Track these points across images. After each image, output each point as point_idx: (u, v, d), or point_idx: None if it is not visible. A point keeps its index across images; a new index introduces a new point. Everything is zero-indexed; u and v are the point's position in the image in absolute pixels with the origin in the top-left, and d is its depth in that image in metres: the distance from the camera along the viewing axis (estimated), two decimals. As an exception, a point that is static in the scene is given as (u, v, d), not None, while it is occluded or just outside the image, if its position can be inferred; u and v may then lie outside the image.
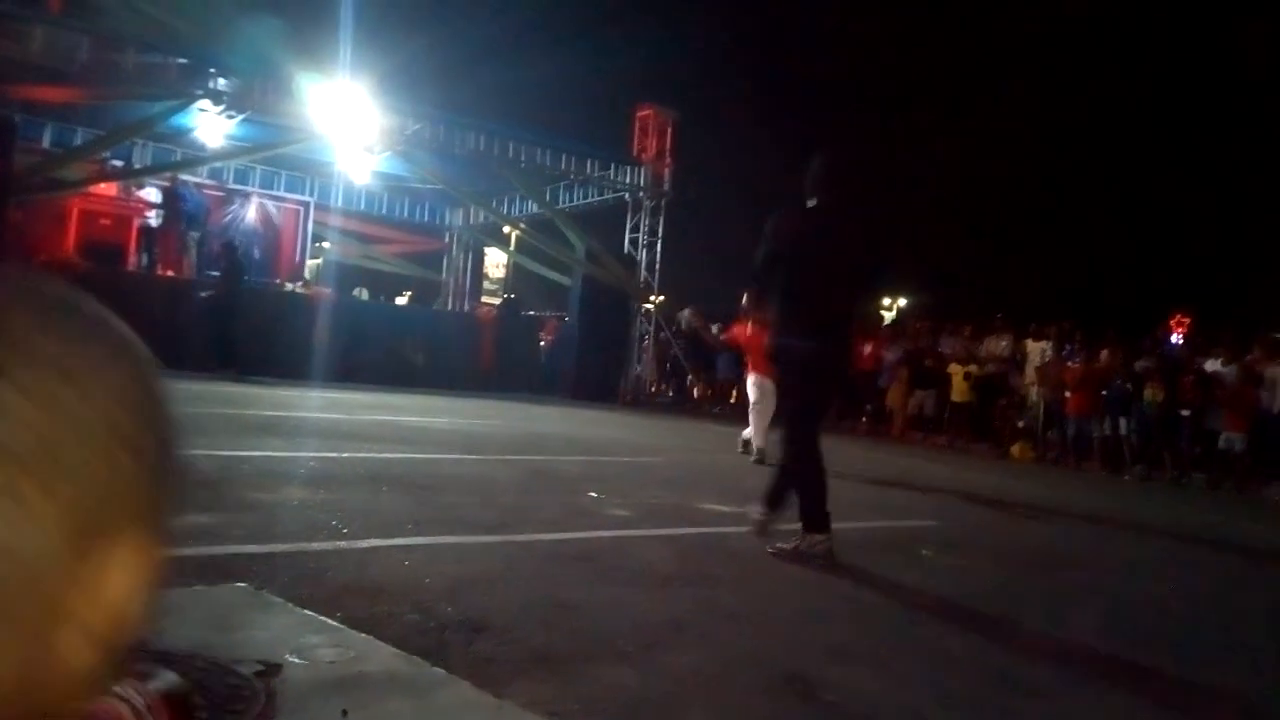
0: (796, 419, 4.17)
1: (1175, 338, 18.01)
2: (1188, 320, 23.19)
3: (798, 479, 4.05)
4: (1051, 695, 2.61)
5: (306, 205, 17.92)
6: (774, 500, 4.16)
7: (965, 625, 3.32)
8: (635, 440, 9.64)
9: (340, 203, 18.65)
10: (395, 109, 13.51)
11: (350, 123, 12.85)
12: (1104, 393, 12.14)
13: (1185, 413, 11.35)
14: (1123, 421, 11.95)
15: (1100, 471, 11.94)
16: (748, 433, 8.10)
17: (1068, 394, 12.52)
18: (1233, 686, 2.89)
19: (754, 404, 7.99)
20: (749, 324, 8.10)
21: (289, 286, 15.01)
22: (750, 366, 8.23)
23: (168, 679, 0.59)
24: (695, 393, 17.28)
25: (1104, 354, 12.55)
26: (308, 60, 12.31)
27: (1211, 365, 11.80)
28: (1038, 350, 13.61)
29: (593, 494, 5.32)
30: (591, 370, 15.25)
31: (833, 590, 3.63)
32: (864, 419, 14.95)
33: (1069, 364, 12.74)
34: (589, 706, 2.14)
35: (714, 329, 9.74)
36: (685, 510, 4.92)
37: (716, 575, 3.65)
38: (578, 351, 15.62)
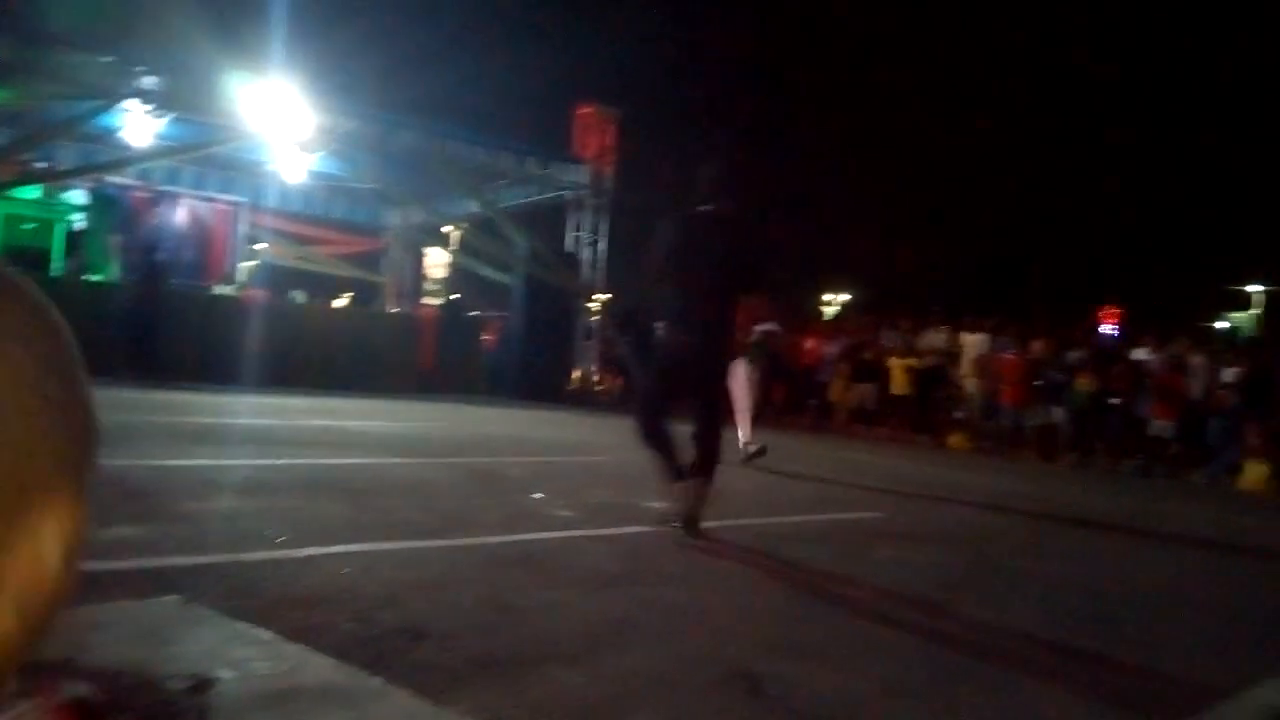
0: (647, 400, 4.55)
1: (1106, 329, 18.54)
2: (1118, 312, 23.91)
3: (655, 448, 4.40)
4: (995, 683, 2.64)
5: (240, 206, 17.50)
6: (674, 474, 4.41)
7: (909, 615, 3.36)
8: (580, 439, 9.60)
9: (275, 203, 18.26)
10: (331, 107, 13.26)
11: (284, 121, 12.58)
12: (1038, 383, 12.43)
13: (1116, 401, 11.67)
14: (1056, 411, 12.26)
15: (1035, 460, 12.23)
16: (743, 434, 7.72)
17: (1003, 385, 12.80)
18: (1171, 670, 2.96)
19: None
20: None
21: (220, 290, 14.63)
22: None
23: (75, 690, 0.55)
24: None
25: (1037, 345, 12.86)
26: (240, 57, 12.02)
27: (1140, 355, 12.16)
28: (974, 343, 13.91)
29: (537, 495, 5.27)
30: (536, 370, 15.15)
31: (776, 584, 3.65)
32: (807, 414, 15.10)
33: (1004, 356, 13.03)
34: (533, 711, 2.11)
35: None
36: (631, 509, 4.90)
37: (663, 573, 3.64)
38: (521, 351, 15.52)
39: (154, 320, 11.00)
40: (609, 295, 16.89)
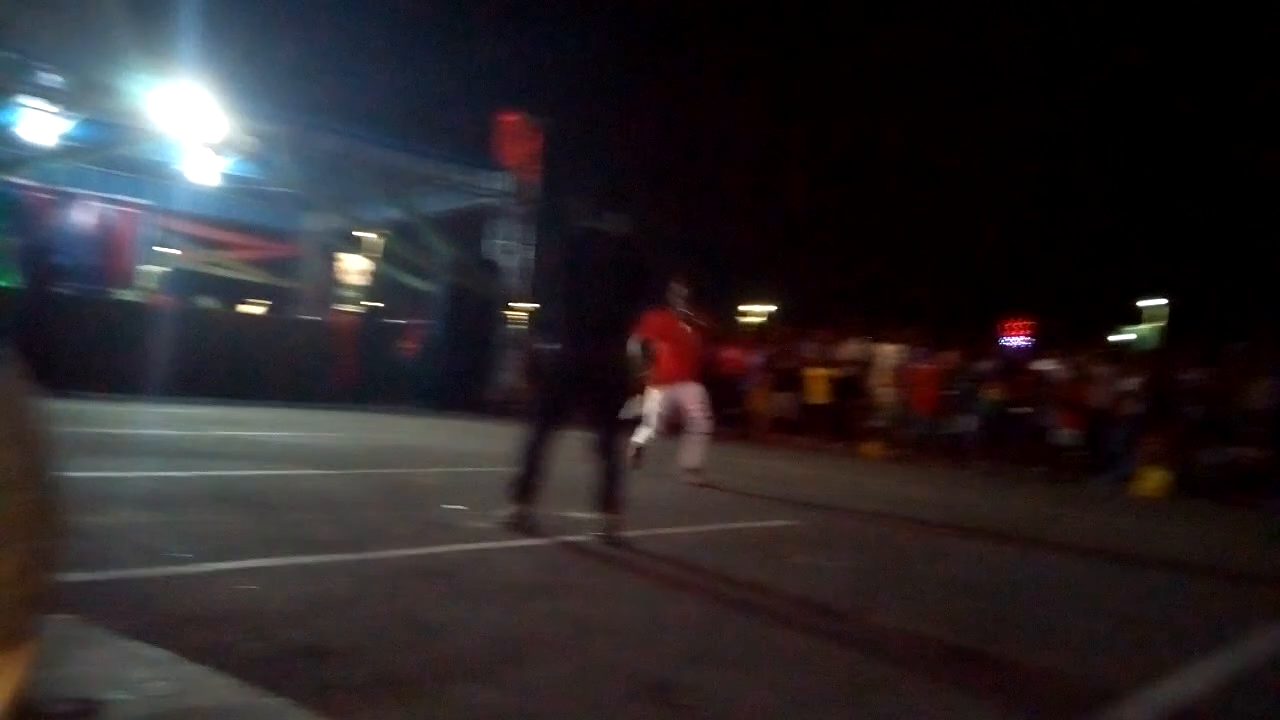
0: (535, 415, 4.71)
1: (1015, 341, 19.18)
2: (1027, 324, 24.76)
3: (523, 460, 4.61)
4: (905, 689, 2.70)
5: (147, 209, 16.88)
6: (518, 493, 4.64)
7: (820, 622, 3.41)
8: (500, 450, 9.47)
9: (185, 207, 17.68)
10: (245, 109, 12.92)
11: (195, 123, 12.21)
12: (949, 393, 12.79)
13: (1023, 411, 12.08)
14: (966, 419, 12.62)
15: (947, 467, 12.57)
16: (690, 459, 7.50)
17: (916, 394, 13.14)
18: (1071, 672, 3.07)
19: (644, 415, 7.63)
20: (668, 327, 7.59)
21: (124, 295, 14.10)
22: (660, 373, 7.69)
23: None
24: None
25: (949, 356, 13.24)
26: (150, 57, 11.62)
27: (1046, 366, 12.61)
28: (889, 354, 14.24)
29: (453, 507, 5.21)
30: (457, 379, 14.96)
31: (692, 594, 3.67)
32: (731, 423, 15.23)
33: (917, 366, 13.37)
34: (440, 729, 2.08)
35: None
36: (548, 520, 4.87)
37: (577, 585, 3.62)
38: (443, 360, 15.32)
39: (46, 326, 10.50)
40: (535, 305, 16.80)
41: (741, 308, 35.82)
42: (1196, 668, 3.19)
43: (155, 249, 17.38)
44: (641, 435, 7.66)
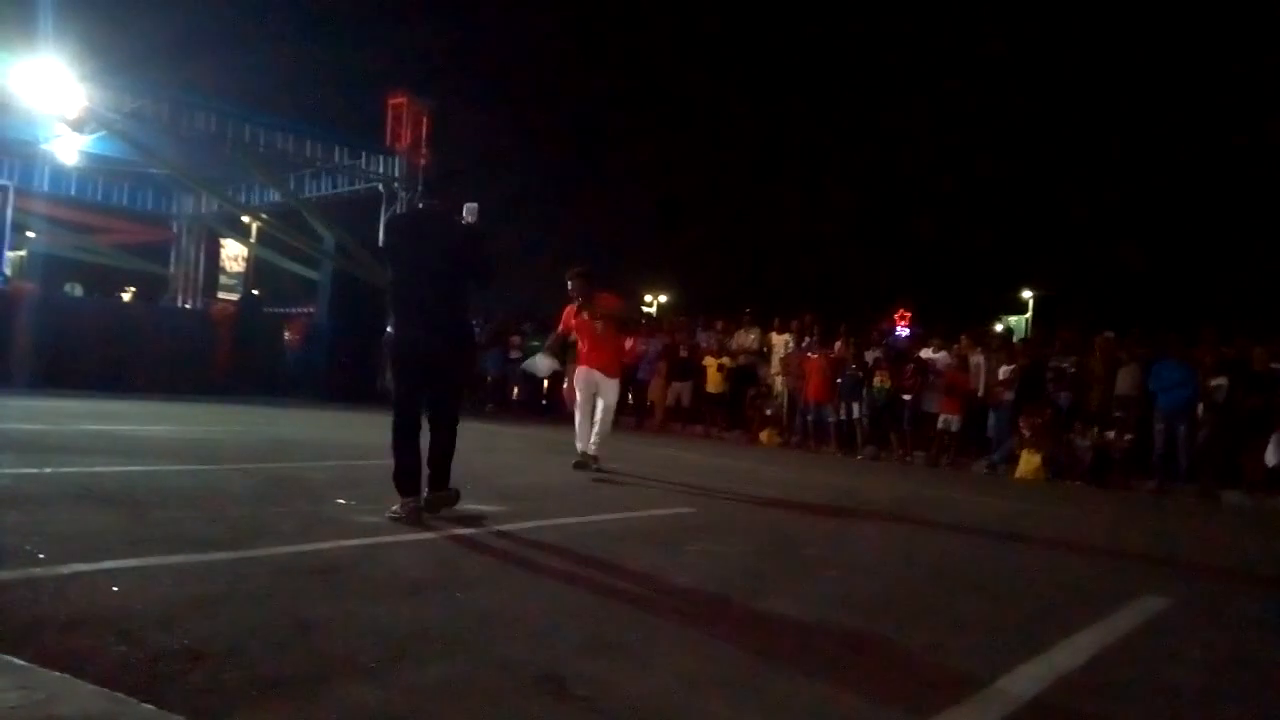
0: (397, 406, 4.78)
1: (900, 330, 19.80)
2: (909, 314, 25.63)
3: (394, 451, 4.66)
4: (796, 672, 2.72)
5: (4, 190, 15.74)
6: (434, 478, 4.75)
7: (715, 609, 3.41)
8: (389, 442, 9.24)
9: (46, 187, 16.60)
10: (108, 83, 12.17)
11: (55, 98, 11.45)
12: (839, 381, 13.10)
13: (907, 397, 12.47)
14: (855, 406, 12.96)
15: (836, 453, 12.88)
16: (595, 438, 7.47)
17: (807, 383, 13.42)
18: (950, 651, 3.15)
19: (579, 405, 7.57)
20: (579, 311, 7.55)
21: (-18, 281, 13.16)
22: (580, 360, 7.68)
23: None
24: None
25: (838, 345, 13.57)
26: (7, 29, 10.85)
27: (928, 353, 13.05)
28: (781, 343, 14.50)
29: (340, 501, 5.02)
30: (344, 369, 14.50)
31: (586, 584, 3.62)
32: (628, 413, 15.25)
33: (808, 355, 13.65)
34: (322, 732, 1.97)
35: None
36: (441, 514, 4.75)
37: (469, 578, 3.53)
38: (329, 350, 14.82)
39: None
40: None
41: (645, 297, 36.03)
42: (1074, 640, 3.33)
43: (15, 233, 16.27)
44: (581, 439, 7.59)
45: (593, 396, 7.61)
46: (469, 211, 4.93)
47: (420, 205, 4.72)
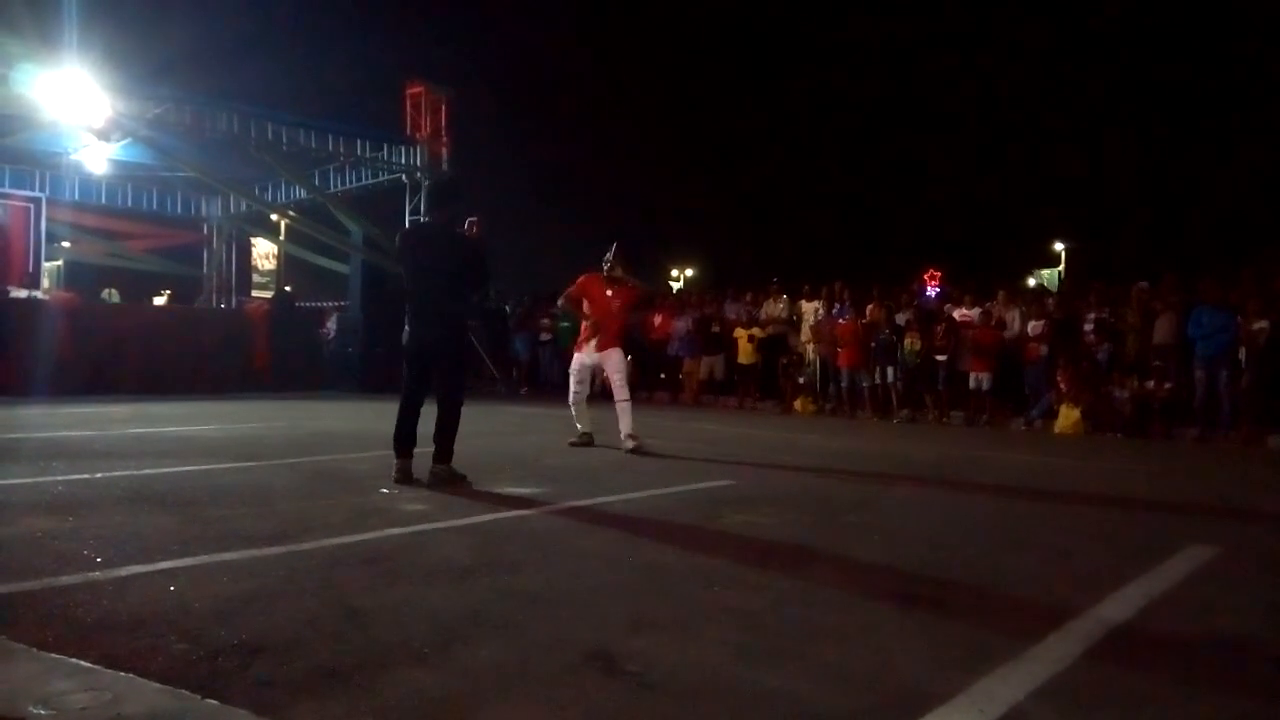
0: (405, 384, 5.57)
1: (930, 291, 19.57)
2: (939, 274, 25.32)
3: (397, 420, 5.47)
4: (845, 636, 2.73)
5: (37, 202, 16.02)
6: (438, 451, 5.41)
7: (759, 579, 3.43)
8: (427, 430, 9.33)
9: (77, 197, 16.87)
10: (131, 92, 12.32)
11: (82, 109, 11.61)
12: (871, 345, 13.02)
13: (940, 358, 12.36)
14: (889, 370, 12.88)
15: (872, 418, 12.82)
16: (624, 425, 7.46)
17: (839, 349, 13.34)
18: (1002, 609, 3.15)
19: (575, 389, 7.69)
20: (604, 289, 7.66)
21: (21, 293, 13.40)
22: (580, 344, 7.77)
23: None
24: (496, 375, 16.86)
25: (869, 310, 13.45)
26: (27, 41, 10.99)
27: (959, 313, 12.91)
28: (811, 310, 14.41)
29: (385, 490, 5.10)
30: (380, 360, 14.64)
31: (631, 560, 3.66)
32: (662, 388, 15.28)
33: (839, 321, 13.56)
34: (382, 717, 2.02)
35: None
36: (484, 497, 4.81)
37: (516, 560, 3.58)
38: (363, 342, 14.97)
39: None
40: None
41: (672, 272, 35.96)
42: (1123, 592, 3.31)
43: (50, 243, 16.57)
44: (581, 420, 7.75)
45: (590, 379, 7.99)
46: (470, 224, 5.69)
47: (425, 220, 5.24)
